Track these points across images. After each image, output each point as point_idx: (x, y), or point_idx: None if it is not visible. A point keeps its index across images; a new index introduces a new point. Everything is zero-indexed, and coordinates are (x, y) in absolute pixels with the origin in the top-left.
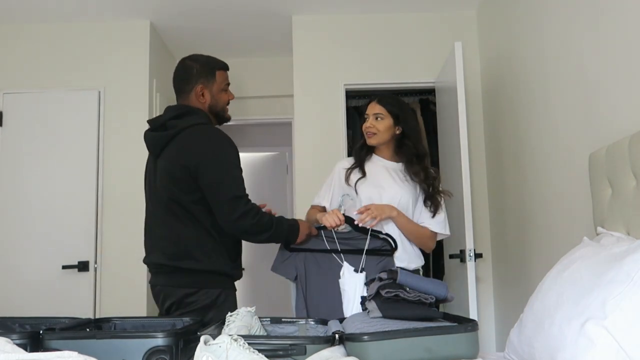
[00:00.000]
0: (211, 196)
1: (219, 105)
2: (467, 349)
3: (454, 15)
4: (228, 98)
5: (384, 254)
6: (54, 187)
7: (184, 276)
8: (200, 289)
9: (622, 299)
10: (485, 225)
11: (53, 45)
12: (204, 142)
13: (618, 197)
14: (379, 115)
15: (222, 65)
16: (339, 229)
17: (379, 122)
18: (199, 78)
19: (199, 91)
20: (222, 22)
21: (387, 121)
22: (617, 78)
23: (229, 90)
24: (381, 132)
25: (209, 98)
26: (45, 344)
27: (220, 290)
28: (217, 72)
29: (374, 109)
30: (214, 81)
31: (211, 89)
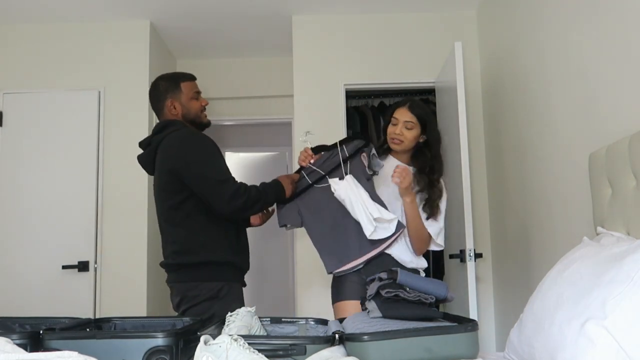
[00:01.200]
0: (200, 189)
1: (192, 113)
2: (467, 349)
3: (454, 15)
4: (200, 104)
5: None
6: (54, 187)
7: (186, 271)
8: (202, 282)
9: (622, 299)
10: (485, 225)
11: (53, 45)
12: (179, 144)
13: (618, 197)
14: (410, 124)
15: (187, 77)
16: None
17: (409, 131)
18: (166, 93)
19: (169, 105)
20: (222, 22)
21: (415, 130)
22: (617, 78)
23: (200, 98)
24: (408, 140)
25: (180, 109)
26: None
27: (222, 283)
28: (181, 84)
29: (405, 116)
30: (180, 92)
31: (180, 100)
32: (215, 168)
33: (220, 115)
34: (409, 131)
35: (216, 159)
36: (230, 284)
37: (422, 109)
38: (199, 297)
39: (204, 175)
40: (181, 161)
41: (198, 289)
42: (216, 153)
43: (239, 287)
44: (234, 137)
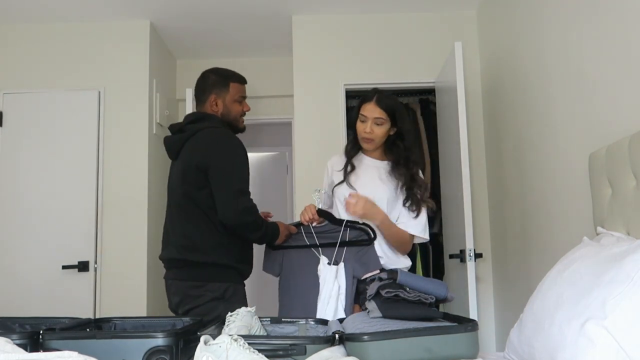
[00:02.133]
0: (218, 187)
1: (231, 115)
2: (467, 349)
3: (454, 15)
4: (242, 109)
5: (362, 243)
6: (54, 187)
7: (191, 269)
8: (207, 282)
9: (622, 299)
10: (485, 225)
11: (53, 45)
12: (214, 142)
13: (618, 197)
14: (379, 120)
15: (238, 79)
16: (316, 223)
17: (379, 127)
18: (213, 88)
19: (212, 100)
20: (222, 22)
21: (386, 125)
22: (617, 78)
23: (244, 102)
24: (379, 137)
25: (221, 107)
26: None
27: (228, 284)
28: (231, 84)
29: (374, 112)
30: (227, 92)
31: (224, 98)
32: (241, 177)
33: None
34: (379, 127)
35: (245, 169)
36: (236, 286)
37: (390, 99)
38: (204, 297)
39: (229, 180)
40: (214, 159)
41: (203, 289)
42: (246, 163)
43: (243, 289)
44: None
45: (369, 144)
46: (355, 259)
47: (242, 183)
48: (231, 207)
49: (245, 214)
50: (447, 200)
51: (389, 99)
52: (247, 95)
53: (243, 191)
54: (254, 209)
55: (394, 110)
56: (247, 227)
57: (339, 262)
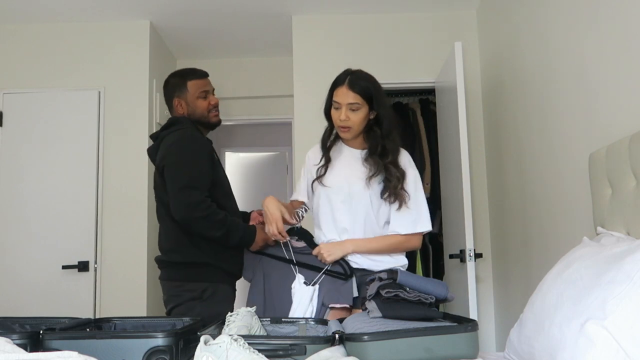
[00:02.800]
0: (168, 184)
1: (197, 112)
2: (467, 349)
3: (454, 15)
4: (208, 103)
5: (340, 277)
6: (54, 187)
7: (171, 269)
8: (185, 282)
9: (622, 299)
10: (485, 225)
11: (53, 45)
12: (170, 143)
13: (618, 197)
14: (354, 106)
15: (196, 75)
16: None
17: (355, 113)
18: (174, 92)
19: (177, 104)
20: (222, 22)
21: (363, 110)
22: (617, 78)
23: (210, 96)
24: (357, 124)
25: (185, 108)
26: (45, 344)
27: (206, 284)
28: (188, 82)
29: (348, 97)
30: (186, 91)
31: (186, 99)
32: (189, 173)
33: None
34: (355, 113)
35: (196, 165)
36: (216, 286)
37: (364, 80)
38: (182, 297)
39: (177, 176)
40: (166, 158)
41: (181, 289)
42: (200, 159)
43: (227, 288)
44: (234, 137)
45: (346, 133)
46: (330, 286)
47: (191, 179)
48: (176, 201)
49: (191, 208)
50: (447, 200)
51: (364, 80)
52: (213, 87)
53: (191, 186)
54: (203, 204)
55: (370, 92)
56: (198, 223)
57: (315, 284)
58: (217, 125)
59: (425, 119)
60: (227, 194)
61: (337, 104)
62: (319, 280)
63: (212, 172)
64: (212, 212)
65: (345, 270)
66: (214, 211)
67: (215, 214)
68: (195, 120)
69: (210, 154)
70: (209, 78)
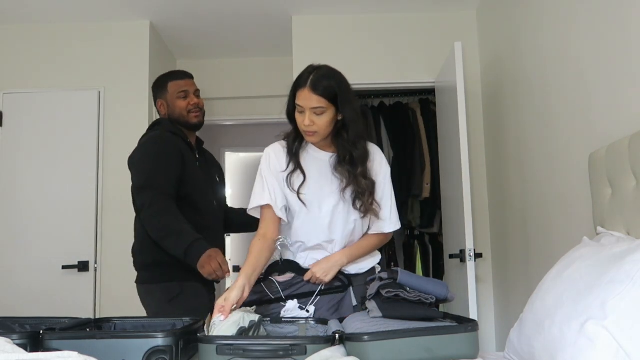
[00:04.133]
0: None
1: (176, 112)
2: (467, 349)
3: (454, 15)
4: (188, 104)
5: (337, 291)
6: (54, 187)
7: (141, 271)
8: (154, 284)
9: (622, 299)
10: (485, 225)
11: (53, 45)
12: (138, 146)
13: (618, 197)
14: (319, 110)
15: (176, 76)
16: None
17: (320, 117)
18: (157, 94)
19: (159, 105)
20: (222, 22)
21: (329, 113)
22: (617, 78)
23: (190, 96)
24: (323, 128)
25: (166, 109)
26: (45, 344)
27: (174, 283)
28: (168, 84)
29: (311, 101)
30: (166, 92)
31: (166, 100)
32: (143, 174)
33: (220, 115)
34: (320, 117)
35: (154, 166)
36: (184, 284)
37: (328, 79)
38: (153, 299)
39: (133, 179)
40: (129, 162)
41: (151, 291)
42: (161, 161)
43: (197, 285)
44: (234, 137)
45: (312, 137)
46: (327, 306)
47: (141, 180)
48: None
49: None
50: (447, 200)
51: (327, 79)
52: (197, 89)
53: (144, 186)
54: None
55: (335, 93)
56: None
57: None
58: (198, 127)
59: (425, 119)
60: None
61: (300, 107)
62: (315, 301)
63: (179, 171)
64: (158, 213)
65: (344, 282)
66: (159, 213)
67: (160, 216)
68: (175, 121)
69: (178, 154)
70: (192, 80)
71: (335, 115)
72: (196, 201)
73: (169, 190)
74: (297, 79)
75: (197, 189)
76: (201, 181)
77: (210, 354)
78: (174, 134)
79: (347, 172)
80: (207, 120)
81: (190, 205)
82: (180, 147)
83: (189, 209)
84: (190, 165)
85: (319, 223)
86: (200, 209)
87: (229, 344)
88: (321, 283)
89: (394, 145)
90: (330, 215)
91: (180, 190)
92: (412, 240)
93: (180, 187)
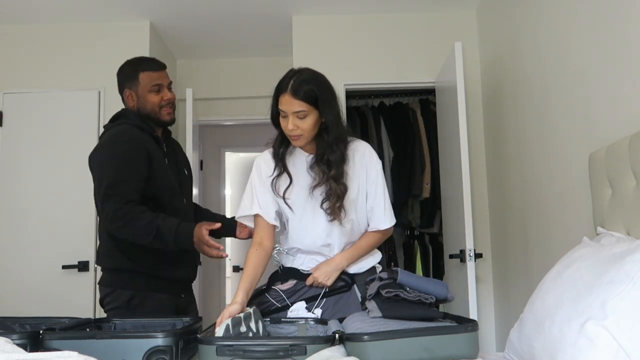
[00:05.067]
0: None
1: (147, 107)
2: (467, 349)
3: (454, 15)
4: (161, 98)
5: (342, 290)
6: (54, 187)
7: (104, 273)
8: (114, 288)
9: (622, 299)
10: (485, 225)
11: (53, 45)
12: (101, 143)
13: (618, 197)
14: (301, 114)
15: (149, 66)
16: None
17: (303, 121)
18: (125, 82)
19: (127, 95)
20: (222, 22)
21: (311, 117)
22: (617, 78)
23: (164, 91)
24: (307, 131)
25: (136, 101)
26: (45, 344)
27: (133, 291)
28: (140, 74)
29: (293, 106)
30: (137, 83)
31: (137, 91)
32: (109, 179)
33: (220, 115)
34: (303, 121)
35: (119, 170)
36: (145, 294)
37: (309, 83)
38: (110, 304)
39: (95, 184)
40: (91, 161)
41: (111, 296)
42: (127, 164)
43: (162, 297)
44: (234, 137)
45: (297, 141)
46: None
47: (108, 186)
48: (101, 214)
49: (109, 219)
50: (447, 200)
51: (308, 84)
52: (170, 81)
53: (108, 195)
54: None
55: (315, 97)
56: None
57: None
58: (169, 124)
59: (425, 119)
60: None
61: (283, 112)
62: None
63: (146, 173)
64: (132, 218)
65: (347, 281)
66: (134, 217)
67: (138, 219)
68: (144, 116)
69: (144, 153)
70: (165, 71)
71: (319, 118)
72: (163, 202)
73: (135, 197)
74: (278, 84)
75: (165, 188)
76: (169, 179)
77: (210, 355)
78: (141, 129)
79: (321, 172)
80: (207, 120)
81: (157, 206)
82: (147, 144)
83: (156, 210)
84: (158, 163)
85: (313, 228)
86: (168, 209)
87: (229, 345)
88: (324, 287)
89: (394, 145)
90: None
91: (146, 191)
92: (412, 240)
93: (146, 188)
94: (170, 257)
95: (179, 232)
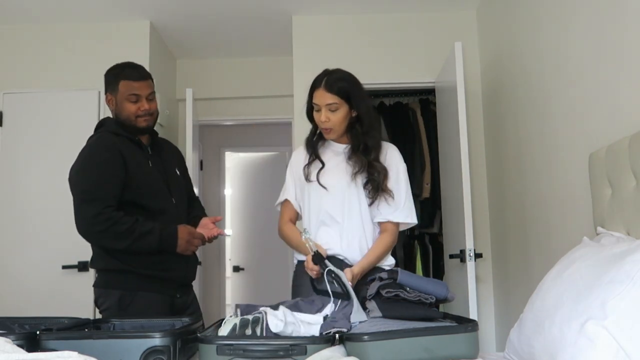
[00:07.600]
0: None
1: (122, 115)
2: (467, 349)
3: (454, 15)
4: (137, 108)
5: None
6: (54, 187)
7: (97, 276)
8: (106, 289)
9: (622, 299)
10: (485, 225)
11: (53, 45)
12: (81, 151)
13: (618, 197)
14: (333, 106)
15: (128, 75)
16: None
17: (334, 114)
18: (107, 86)
19: (108, 99)
20: (222, 22)
21: (342, 110)
22: (617, 78)
23: (142, 101)
24: (338, 124)
25: (114, 107)
26: (43, 344)
27: (122, 292)
28: (120, 82)
29: (326, 99)
30: (117, 90)
31: (116, 97)
32: (87, 184)
33: (220, 115)
34: (334, 114)
35: (96, 175)
36: (135, 294)
37: (341, 80)
38: (103, 305)
39: (73, 191)
40: (71, 169)
41: (103, 296)
42: (103, 170)
43: (152, 296)
44: (234, 137)
45: (329, 134)
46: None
47: (84, 192)
48: (75, 218)
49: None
50: (447, 200)
51: (341, 80)
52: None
53: (86, 200)
54: (101, 217)
55: (348, 92)
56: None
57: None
58: (146, 131)
59: (425, 119)
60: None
61: (317, 105)
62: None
63: (121, 176)
64: (113, 223)
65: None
66: (115, 222)
67: (118, 224)
68: (121, 122)
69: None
70: (147, 81)
71: (349, 112)
72: (143, 204)
73: (113, 202)
74: (313, 82)
75: (146, 190)
76: (151, 181)
77: (210, 354)
78: (117, 135)
79: (360, 160)
80: (207, 120)
81: (139, 208)
82: (122, 149)
83: (137, 213)
84: (136, 166)
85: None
86: (151, 211)
87: (229, 344)
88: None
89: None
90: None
91: (125, 195)
92: (412, 240)
93: (124, 192)
94: (161, 257)
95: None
